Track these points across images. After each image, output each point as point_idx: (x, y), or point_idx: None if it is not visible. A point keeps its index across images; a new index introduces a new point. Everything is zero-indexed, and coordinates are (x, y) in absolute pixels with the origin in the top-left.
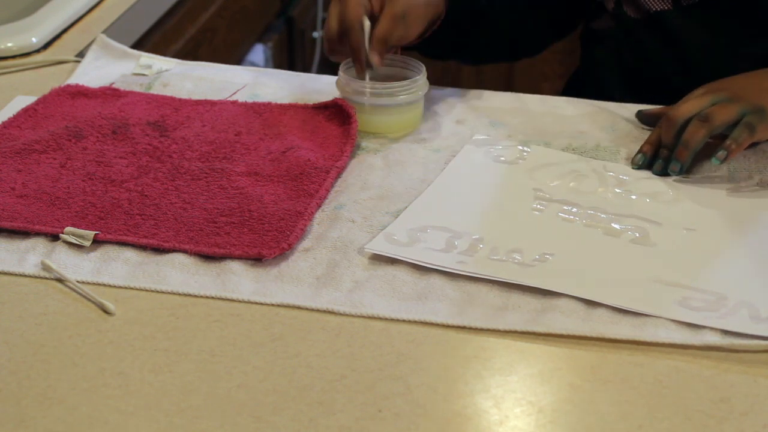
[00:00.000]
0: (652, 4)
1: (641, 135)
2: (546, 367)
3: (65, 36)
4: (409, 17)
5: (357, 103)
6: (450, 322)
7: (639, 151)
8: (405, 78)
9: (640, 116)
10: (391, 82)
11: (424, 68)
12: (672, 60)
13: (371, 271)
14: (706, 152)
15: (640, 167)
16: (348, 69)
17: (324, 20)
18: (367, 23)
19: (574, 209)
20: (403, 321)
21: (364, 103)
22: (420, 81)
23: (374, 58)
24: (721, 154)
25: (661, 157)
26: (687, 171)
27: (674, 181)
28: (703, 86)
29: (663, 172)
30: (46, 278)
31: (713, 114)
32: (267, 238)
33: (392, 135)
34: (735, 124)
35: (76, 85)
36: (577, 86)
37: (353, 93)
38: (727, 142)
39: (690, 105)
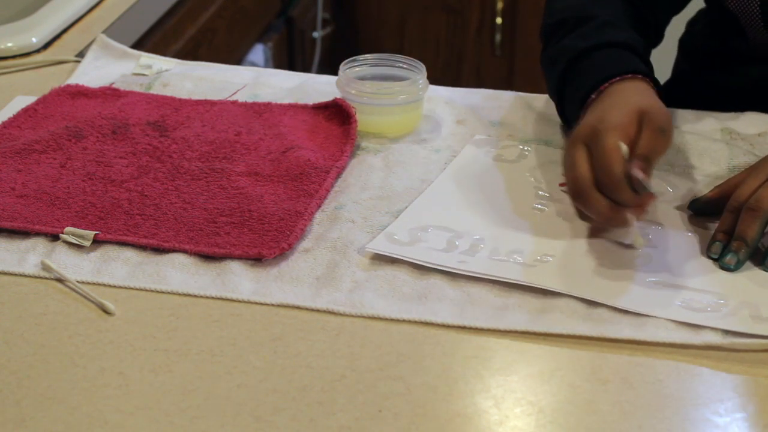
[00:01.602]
0: None
1: None
2: (546, 367)
3: (65, 36)
4: (669, 129)
5: (357, 103)
6: (450, 322)
7: (714, 239)
8: (405, 78)
9: (696, 208)
10: (391, 82)
11: (424, 68)
12: None
13: (371, 271)
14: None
15: (720, 257)
16: (348, 69)
17: (323, 20)
18: (624, 147)
19: (575, 209)
20: (403, 321)
21: (365, 103)
22: (420, 81)
23: (640, 175)
24: None
25: (734, 249)
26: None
27: (675, 180)
28: (763, 163)
29: (735, 267)
30: (46, 278)
31: (763, 199)
32: (267, 238)
33: (392, 135)
34: None
35: (76, 85)
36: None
37: (353, 93)
38: None
39: (749, 186)
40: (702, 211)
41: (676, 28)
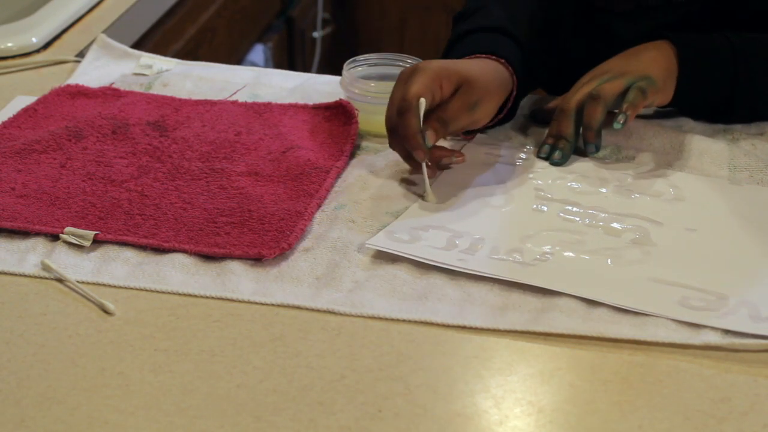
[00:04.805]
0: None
1: (643, 133)
2: (546, 367)
3: (65, 36)
4: (480, 108)
5: (361, 102)
6: (450, 322)
7: (544, 143)
8: None
9: (534, 115)
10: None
11: None
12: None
13: (371, 271)
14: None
15: (547, 158)
16: (351, 68)
17: (323, 20)
18: (422, 101)
19: (575, 208)
20: (403, 321)
21: (369, 102)
22: None
23: (429, 135)
24: (621, 118)
25: (560, 147)
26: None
27: (675, 180)
28: (586, 75)
29: (561, 161)
30: (46, 278)
31: (603, 89)
32: (267, 238)
33: None
34: (625, 95)
35: (76, 85)
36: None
37: (357, 92)
38: (623, 106)
39: (580, 93)
40: (541, 119)
41: None
